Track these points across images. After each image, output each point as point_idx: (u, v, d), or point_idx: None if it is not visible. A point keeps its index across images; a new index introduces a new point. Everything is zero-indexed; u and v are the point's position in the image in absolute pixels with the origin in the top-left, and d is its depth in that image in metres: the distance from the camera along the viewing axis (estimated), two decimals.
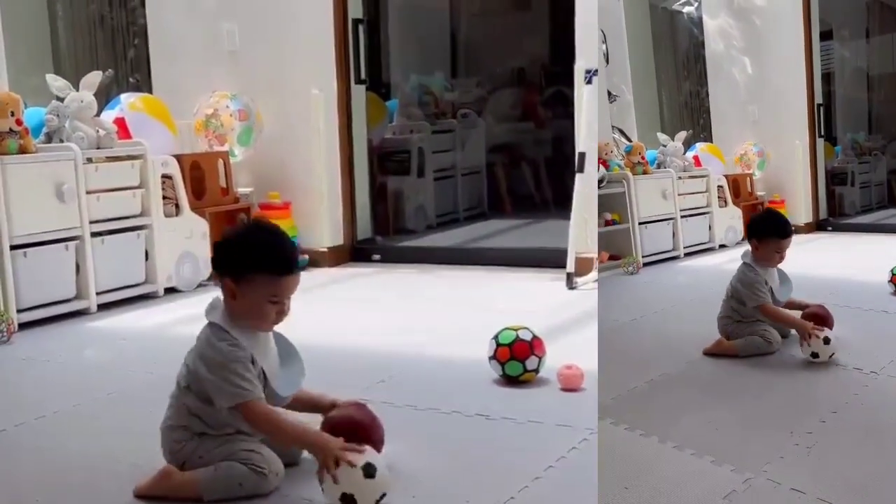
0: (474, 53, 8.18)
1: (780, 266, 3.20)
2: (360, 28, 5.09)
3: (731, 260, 5.28)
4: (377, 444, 1.93)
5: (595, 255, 4.37)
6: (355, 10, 5.11)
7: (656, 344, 3.37)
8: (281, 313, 1.96)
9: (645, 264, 5.30)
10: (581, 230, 4.30)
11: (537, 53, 7.87)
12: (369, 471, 1.77)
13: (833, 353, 2.89)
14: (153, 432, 1.99)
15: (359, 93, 5.19)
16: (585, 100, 4.32)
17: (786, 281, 3.23)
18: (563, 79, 5.04)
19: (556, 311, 3.71)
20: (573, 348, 2.94)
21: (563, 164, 5.57)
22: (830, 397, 2.60)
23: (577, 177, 4.29)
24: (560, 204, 5.25)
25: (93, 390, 2.75)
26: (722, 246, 6.04)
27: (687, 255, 5.74)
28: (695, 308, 4.05)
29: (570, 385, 2.58)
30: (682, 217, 5.74)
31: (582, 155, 4.29)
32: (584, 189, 4.30)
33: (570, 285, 4.15)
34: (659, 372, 2.87)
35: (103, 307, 3.91)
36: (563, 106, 5.85)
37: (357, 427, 1.94)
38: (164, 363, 3.02)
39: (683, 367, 2.96)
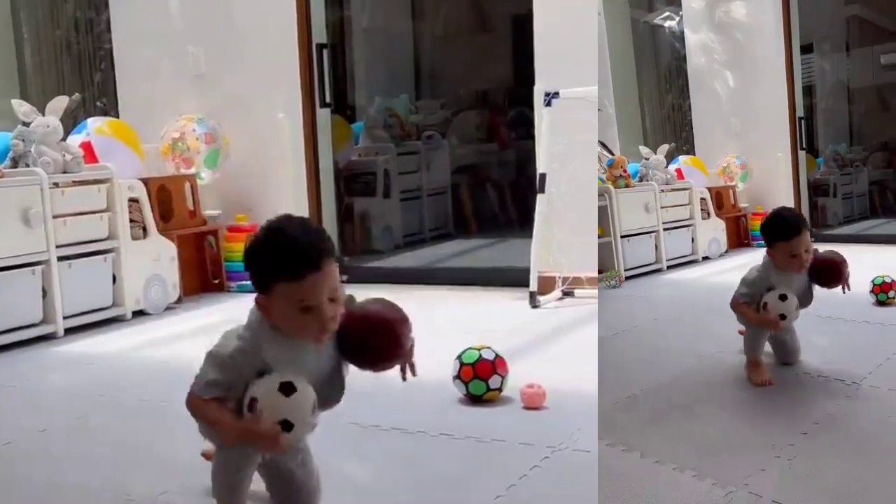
0: (438, 76, 8.26)
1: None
2: (325, 53, 5.15)
3: (714, 272, 5.31)
4: (404, 345, 1.80)
5: (559, 274, 4.40)
6: (319, 34, 5.16)
7: (638, 358, 3.34)
8: (323, 321, 1.66)
9: (627, 278, 5.26)
10: (543, 249, 4.36)
11: (500, 76, 7.94)
12: (286, 390, 1.65)
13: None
14: (122, 457, 2.00)
15: (324, 116, 5.24)
16: (545, 122, 4.40)
17: (808, 298, 2.93)
18: (526, 101, 5.11)
19: (520, 329, 3.76)
20: (536, 367, 2.99)
21: (527, 184, 5.63)
22: (812, 409, 2.59)
23: (539, 197, 4.37)
24: (524, 224, 5.31)
25: (60, 415, 2.75)
26: (705, 258, 6.01)
27: (670, 267, 5.68)
28: (678, 321, 4.06)
29: (533, 403, 2.63)
30: (665, 230, 5.71)
31: (543, 176, 4.37)
32: (545, 209, 4.37)
33: (534, 304, 4.22)
34: (640, 387, 2.85)
35: (70, 331, 3.90)
36: (526, 127, 5.92)
37: (388, 321, 1.78)
38: (133, 387, 3.07)
39: (665, 382, 2.93)
